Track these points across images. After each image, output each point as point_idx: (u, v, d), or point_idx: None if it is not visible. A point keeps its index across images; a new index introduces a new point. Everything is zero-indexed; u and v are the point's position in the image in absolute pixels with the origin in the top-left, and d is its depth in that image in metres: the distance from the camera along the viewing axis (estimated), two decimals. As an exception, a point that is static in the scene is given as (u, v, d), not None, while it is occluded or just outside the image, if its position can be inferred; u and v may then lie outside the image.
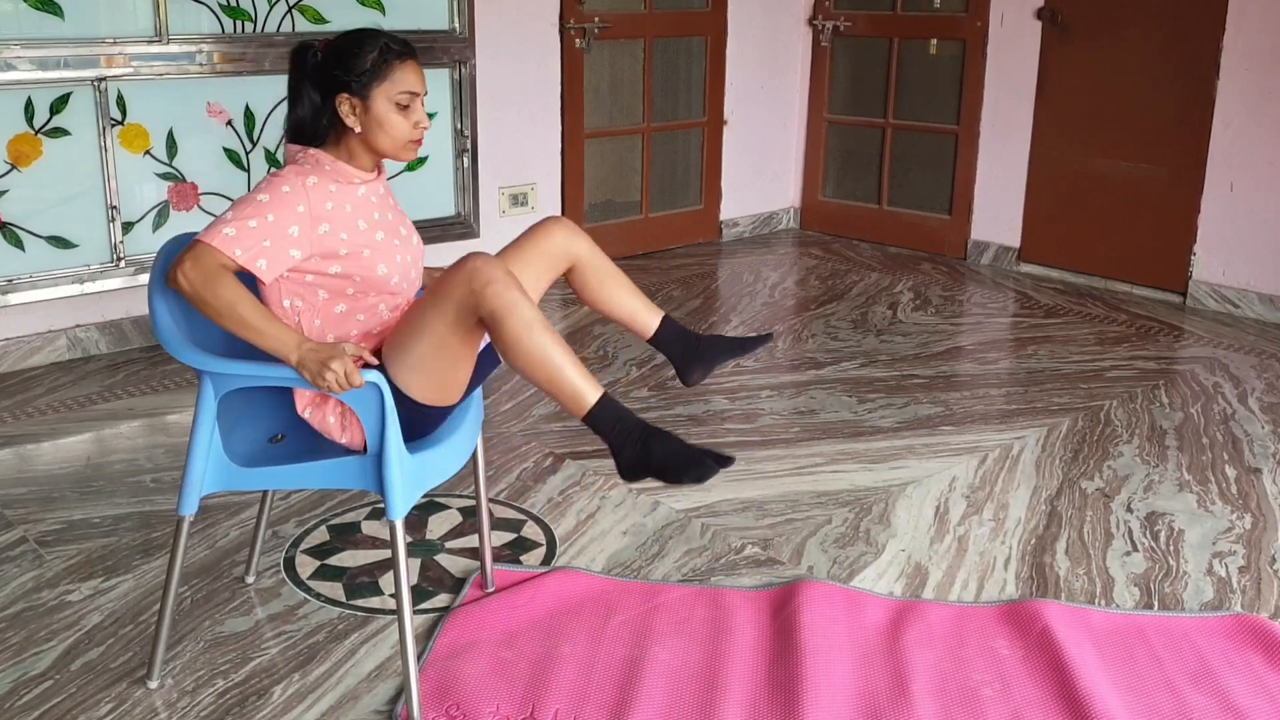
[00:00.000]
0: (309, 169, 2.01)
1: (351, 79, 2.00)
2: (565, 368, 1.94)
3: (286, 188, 1.95)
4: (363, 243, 2.03)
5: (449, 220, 4.74)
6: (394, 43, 2.03)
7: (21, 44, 3.60)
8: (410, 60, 2.04)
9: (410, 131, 2.05)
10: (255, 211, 1.92)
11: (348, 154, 2.06)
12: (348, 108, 2.01)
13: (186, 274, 1.86)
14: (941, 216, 5.55)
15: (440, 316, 1.96)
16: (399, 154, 2.07)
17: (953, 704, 2.07)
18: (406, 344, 2.00)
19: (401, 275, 2.09)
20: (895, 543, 2.72)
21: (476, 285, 1.91)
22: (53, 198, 3.77)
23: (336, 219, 1.99)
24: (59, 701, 2.08)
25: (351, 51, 2.01)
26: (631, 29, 5.22)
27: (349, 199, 2.03)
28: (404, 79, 2.02)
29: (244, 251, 1.89)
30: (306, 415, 2.09)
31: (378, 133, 2.03)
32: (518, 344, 1.91)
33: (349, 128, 2.03)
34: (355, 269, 2.02)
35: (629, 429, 1.97)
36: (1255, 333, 4.40)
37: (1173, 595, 2.50)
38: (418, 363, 1.99)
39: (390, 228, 2.10)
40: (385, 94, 2.01)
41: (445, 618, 2.34)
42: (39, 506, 2.84)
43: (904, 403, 3.61)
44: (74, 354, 3.92)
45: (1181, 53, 4.65)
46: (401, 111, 2.03)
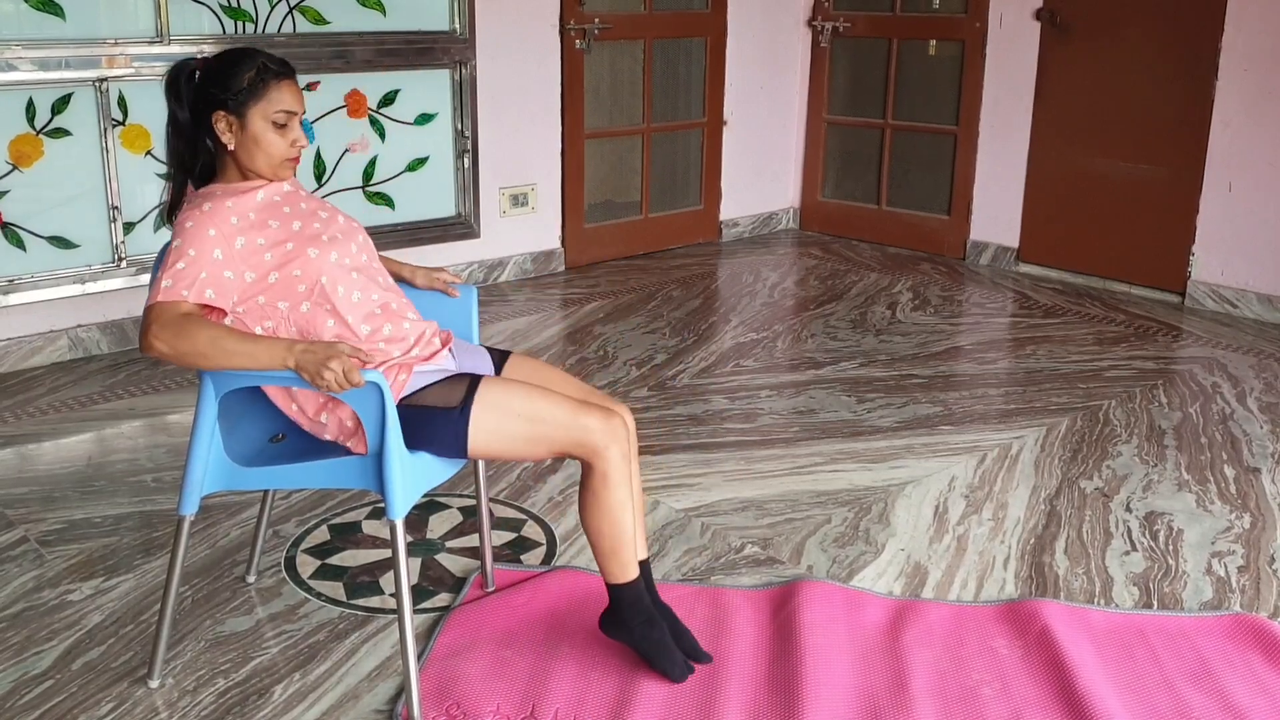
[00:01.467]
0: (200, 200, 2.03)
1: (228, 97, 2.02)
2: (630, 545, 2.07)
3: (189, 223, 1.98)
4: (282, 238, 2.03)
5: (449, 220, 4.75)
6: (272, 62, 2.06)
7: (23, 44, 3.61)
8: (287, 80, 2.07)
9: (287, 150, 2.07)
10: (176, 256, 1.95)
11: (236, 175, 2.09)
12: (224, 125, 2.03)
13: (157, 336, 1.89)
14: (940, 217, 5.56)
15: (548, 433, 2.02)
16: (276, 172, 2.08)
17: (952, 703, 2.08)
18: (505, 417, 2.01)
19: (340, 251, 2.08)
20: (895, 542, 2.72)
21: (600, 443, 2.01)
22: (54, 198, 3.78)
23: (246, 229, 2.01)
24: (60, 701, 2.08)
25: (229, 71, 2.03)
26: (631, 30, 5.22)
27: (250, 207, 2.05)
28: (281, 98, 2.04)
29: (189, 290, 1.92)
30: (323, 419, 2.08)
31: (254, 151, 2.04)
32: (608, 510, 2.05)
33: (224, 144, 2.04)
34: (289, 264, 2.02)
35: (643, 610, 2.11)
36: (1254, 333, 4.40)
37: (1172, 595, 2.50)
38: (496, 439, 2.02)
39: (305, 216, 2.10)
40: (262, 113, 2.03)
41: (445, 617, 2.34)
42: (40, 506, 2.85)
43: (903, 402, 3.61)
44: (75, 354, 3.92)
45: (1180, 53, 4.66)
46: (278, 130, 2.05)
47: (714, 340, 4.24)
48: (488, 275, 4.93)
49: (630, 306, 4.65)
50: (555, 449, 2.04)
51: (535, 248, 5.09)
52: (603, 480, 2.03)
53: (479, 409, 2.00)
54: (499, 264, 4.96)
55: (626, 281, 5.03)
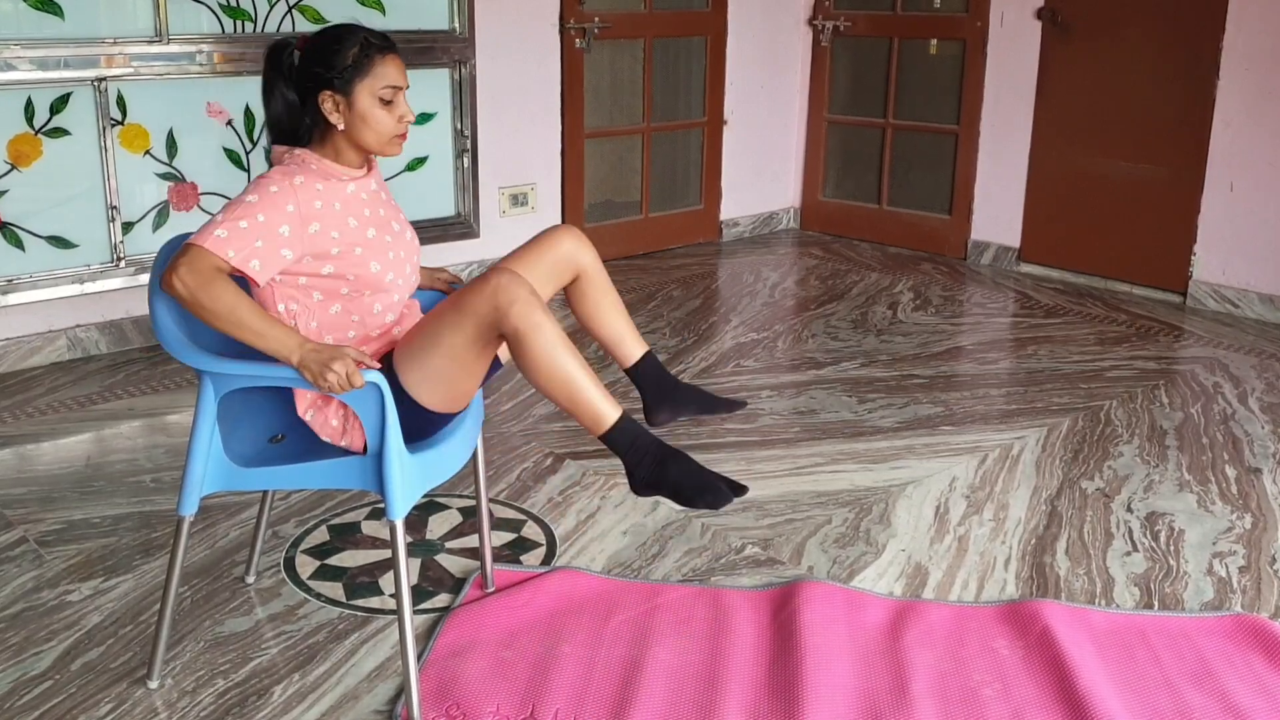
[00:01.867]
0: (295, 169, 2.00)
1: (334, 75, 1.99)
2: (587, 388, 1.97)
3: (274, 188, 1.94)
4: (354, 240, 2.02)
5: (449, 220, 4.74)
6: (374, 37, 2.03)
7: (21, 44, 3.60)
8: (392, 54, 2.04)
9: (395, 126, 2.04)
10: (245, 213, 1.91)
11: (334, 152, 2.05)
12: (331, 105, 2.00)
13: (182, 278, 1.85)
14: (941, 216, 5.55)
15: (459, 330, 1.96)
16: (385, 149, 2.06)
17: (953, 704, 2.07)
18: (422, 353, 2.00)
19: (396, 272, 2.08)
20: (895, 543, 2.72)
21: (501, 303, 1.92)
22: (53, 198, 3.77)
23: (326, 217, 1.99)
24: (59, 701, 2.08)
25: (332, 48, 2.00)
26: (631, 29, 5.22)
27: (338, 197, 2.02)
28: (386, 73, 2.02)
29: (237, 253, 1.88)
30: (308, 418, 2.09)
31: (362, 129, 2.02)
32: (541, 363, 1.94)
33: (333, 125, 2.02)
34: (348, 268, 2.02)
35: (645, 448, 2.00)
36: (1255, 333, 4.40)
37: (1173, 595, 2.50)
38: (432, 372, 2.00)
39: (382, 224, 2.09)
40: (369, 89, 2.00)
41: (445, 618, 2.34)
42: (39, 506, 2.84)
43: (904, 403, 3.61)
44: (74, 354, 3.92)
45: (1181, 53, 4.65)
46: (385, 106, 2.02)
47: (714, 340, 4.23)
48: (488, 275, 4.92)
49: (630, 306, 4.64)
50: (476, 343, 1.97)
51: (535, 247, 5.08)
52: (516, 339, 1.93)
53: (399, 366, 2.00)
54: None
55: (626, 281, 5.03)
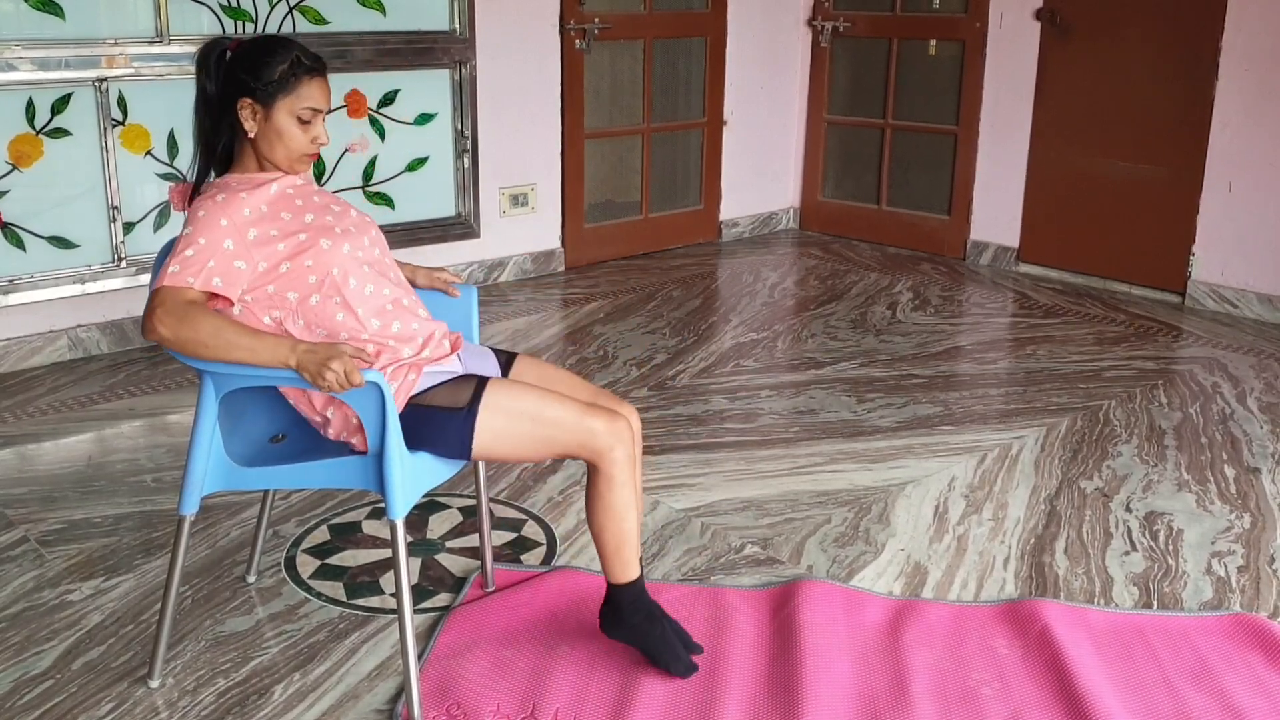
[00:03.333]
0: (215, 191, 2.03)
1: (257, 86, 2.01)
2: (634, 545, 2.08)
3: (202, 212, 1.98)
4: (295, 229, 2.03)
5: (449, 220, 4.75)
6: (306, 57, 2.04)
7: (23, 44, 3.61)
8: (319, 77, 2.06)
9: (307, 145, 2.06)
10: (186, 244, 1.95)
11: (251, 164, 2.08)
12: (249, 112, 2.02)
13: (161, 320, 1.89)
14: (940, 217, 5.56)
15: (544, 445, 2.03)
16: (292, 166, 2.08)
17: (952, 703, 2.08)
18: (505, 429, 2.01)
19: (352, 244, 2.07)
20: (894, 542, 2.72)
21: (599, 446, 2.01)
22: (54, 198, 3.78)
23: (260, 220, 2.01)
24: (60, 701, 2.08)
25: (263, 59, 2.02)
26: (631, 30, 5.22)
27: (263, 199, 2.04)
28: (310, 94, 2.04)
29: (195, 278, 1.91)
30: (329, 414, 2.07)
31: (274, 142, 2.04)
32: (613, 510, 2.05)
33: (245, 132, 2.04)
34: (301, 255, 2.01)
35: (643, 606, 2.12)
36: (1254, 333, 4.40)
37: (1172, 595, 2.50)
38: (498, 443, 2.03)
39: (318, 208, 2.10)
40: (288, 107, 2.02)
41: (445, 617, 2.34)
42: (40, 506, 2.85)
43: (903, 402, 3.61)
44: (75, 354, 3.92)
45: (1181, 53, 4.66)
46: (301, 125, 2.04)
47: (714, 340, 4.24)
48: (488, 275, 4.93)
49: (630, 306, 4.65)
50: (560, 450, 2.04)
51: (535, 248, 5.09)
52: (608, 482, 2.04)
53: (485, 411, 2.00)
54: (499, 264, 4.96)
55: (626, 281, 5.03)
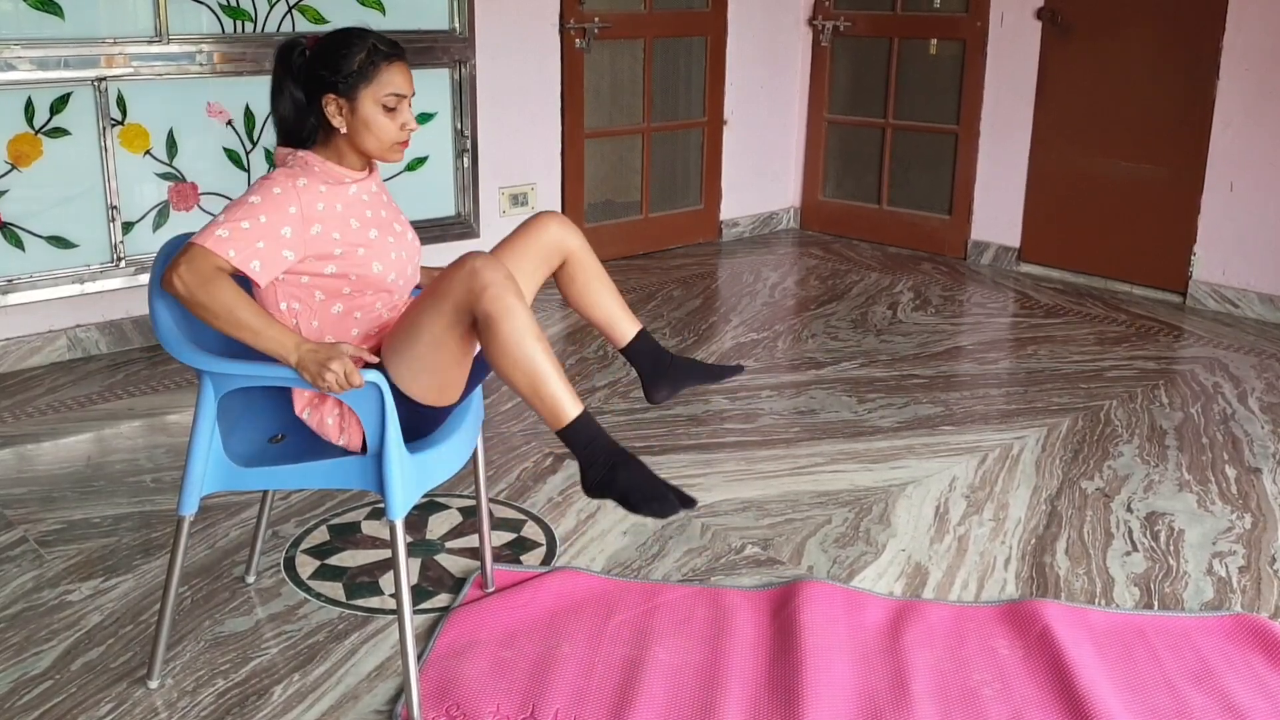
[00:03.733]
0: (299, 171, 2.01)
1: (338, 80, 1.99)
2: (551, 379, 1.91)
3: (277, 189, 1.95)
4: (357, 241, 2.02)
5: (449, 220, 4.74)
6: (382, 44, 2.03)
7: (22, 44, 3.60)
8: (398, 62, 2.03)
9: (397, 133, 2.04)
10: (247, 214, 1.91)
11: (336, 155, 2.06)
12: (334, 108, 2.01)
13: (182, 277, 1.86)
14: (941, 216, 5.55)
15: (438, 316, 1.95)
16: (385, 155, 2.07)
17: (953, 704, 2.07)
18: (404, 343, 1.99)
19: (398, 272, 2.09)
20: (895, 543, 2.72)
21: (475, 286, 1.89)
22: (53, 198, 3.77)
23: (328, 219, 1.99)
24: (59, 701, 2.08)
25: (339, 52, 2.00)
26: (631, 29, 5.22)
27: (340, 199, 2.02)
28: (391, 81, 2.02)
29: (238, 253, 1.89)
30: (305, 416, 2.09)
31: (364, 134, 2.02)
32: (508, 348, 1.89)
33: (335, 128, 2.02)
34: (350, 268, 2.02)
35: (600, 449, 1.95)
36: (1255, 333, 4.40)
37: (1173, 595, 2.50)
38: (415, 362, 1.99)
39: (384, 225, 2.09)
40: (372, 96, 2.01)
41: (445, 618, 2.34)
42: (39, 506, 2.84)
43: (904, 403, 3.61)
44: (74, 354, 3.92)
45: (1181, 53, 4.65)
46: (388, 113, 2.02)
47: (714, 340, 4.24)
48: (488, 275, 4.92)
49: (631, 306, 4.61)
50: (455, 328, 1.94)
51: (535, 247, 5.08)
52: (486, 323, 1.89)
53: (387, 361, 1.99)
54: (499, 264, 4.95)
55: (626, 281, 5.03)
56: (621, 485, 1.94)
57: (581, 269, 2.27)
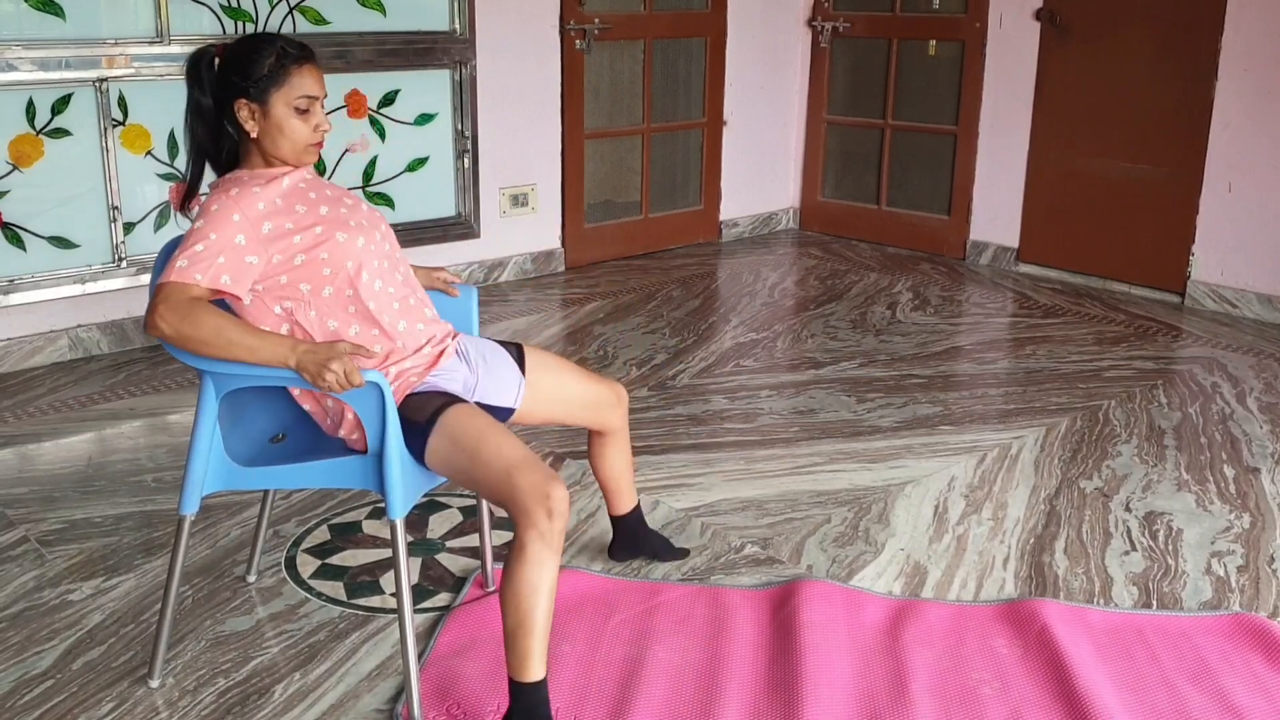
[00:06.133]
0: (228, 184, 2.03)
1: (249, 85, 2.01)
2: (537, 636, 1.87)
3: (215, 207, 1.98)
4: (309, 222, 2.03)
5: (449, 220, 4.75)
6: (291, 46, 2.04)
7: (23, 44, 3.61)
8: (308, 64, 2.05)
9: (310, 135, 2.06)
10: (197, 238, 1.94)
11: (260, 162, 2.08)
12: (246, 113, 2.02)
13: (163, 316, 1.88)
14: (940, 217, 5.56)
15: (479, 488, 1.97)
16: (299, 158, 2.07)
17: (952, 702, 2.08)
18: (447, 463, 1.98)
19: (365, 237, 2.07)
20: (894, 542, 2.72)
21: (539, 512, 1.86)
22: (54, 198, 3.78)
23: (274, 213, 2.01)
24: (60, 700, 2.09)
25: (249, 57, 2.02)
26: (631, 30, 5.22)
27: (276, 192, 2.04)
28: (301, 84, 2.03)
29: (203, 275, 1.91)
30: (309, 408, 2.09)
31: (277, 137, 2.03)
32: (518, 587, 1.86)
33: (248, 133, 2.04)
34: (316, 248, 2.01)
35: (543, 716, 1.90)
36: (1253, 333, 4.40)
37: (1171, 594, 2.51)
38: (440, 467, 2.00)
39: (331, 201, 2.09)
40: (283, 99, 2.02)
41: (446, 617, 2.34)
42: (40, 506, 2.85)
43: (903, 402, 3.61)
44: (75, 354, 3.92)
45: (1180, 53, 4.66)
46: (300, 115, 2.04)
47: (714, 340, 4.24)
48: (488, 275, 4.94)
49: (630, 306, 4.65)
50: (490, 496, 1.96)
51: (535, 248, 5.09)
52: (519, 551, 1.87)
53: (436, 434, 1.98)
54: (499, 264, 4.97)
55: (626, 281, 5.03)
56: None
57: (615, 445, 2.45)
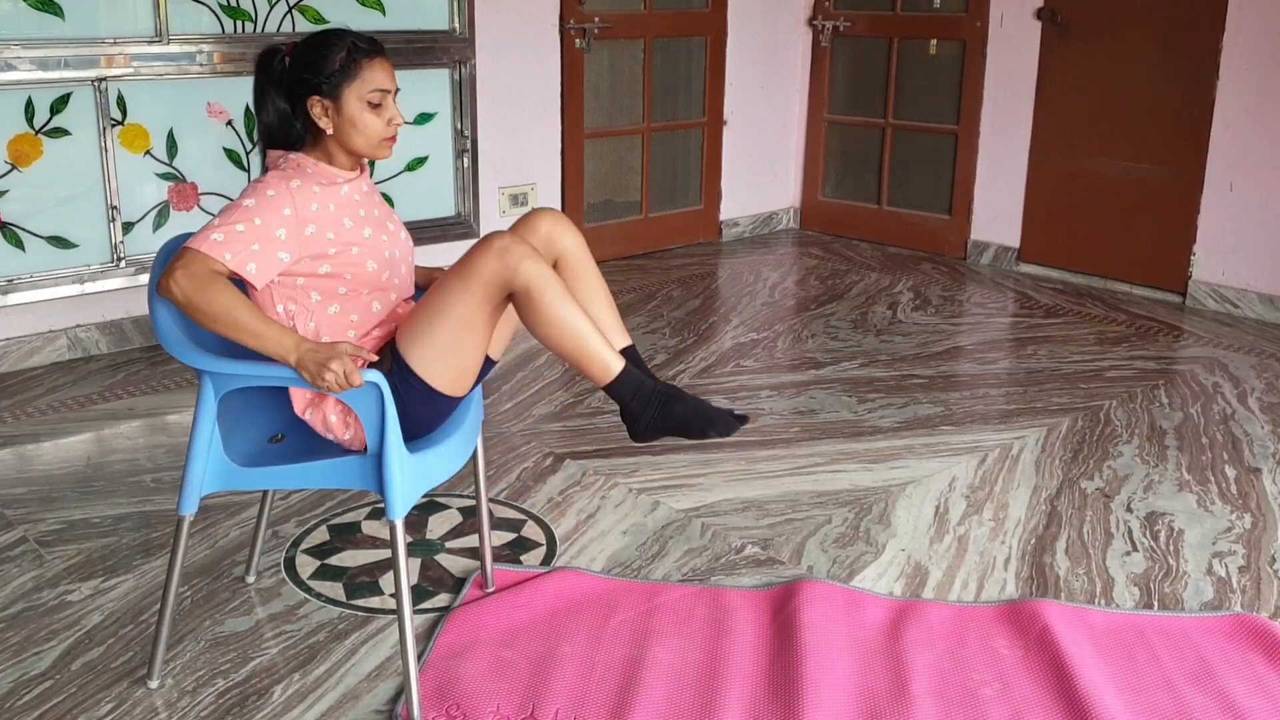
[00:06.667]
0: (292, 173, 2.02)
1: (321, 80, 2.00)
2: (595, 340, 1.99)
3: (271, 192, 1.96)
4: (350, 240, 2.03)
5: (449, 220, 4.75)
6: (361, 41, 2.04)
7: (22, 44, 3.60)
8: (379, 58, 2.05)
9: (384, 129, 2.06)
10: (242, 216, 1.92)
11: (326, 155, 2.07)
12: (320, 110, 2.02)
13: (179, 282, 1.87)
14: (941, 216, 5.55)
15: (467, 296, 1.97)
16: (374, 152, 2.08)
17: (953, 703, 2.08)
18: (428, 327, 2.00)
19: (391, 270, 2.09)
20: (895, 542, 2.72)
21: (509, 262, 1.94)
22: (53, 198, 3.77)
23: (322, 219, 2.00)
24: (59, 701, 2.08)
25: (320, 54, 2.01)
26: (631, 29, 5.22)
27: (333, 199, 2.03)
28: (374, 77, 2.03)
29: (233, 256, 1.90)
30: (307, 416, 2.09)
31: (351, 132, 2.03)
32: (552, 317, 1.96)
33: (323, 130, 2.03)
34: (345, 267, 2.02)
35: (650, 391, 2.02)
36: (1255, 333, 4.40)
37: (1172, 595, 2.50)
38: (440, 345, 2.00)
39: (377, 224, 2.10)
40: (356, 93, 2.02)
41: (445, 618, 2.34)
42: (39, 506, 2.84)
43: (904, 403, 3.61)
44: (74, 354, 3.92)
45: (1181, 53, 4.65)
46: (374, 110, 2.04)
47: (714, 340, 4.24)
48: (488, 275, 4.93)
49: (630, 306, 4.65)
50: (484, 306, 1.98)
51: (535, 247, 5.08)
52: (526, 296, 1.96)
53: (406, 350, 1.99)
54: (499, 264, 4.95)
55: (626, 281, 5.03)
56: (680, 417, 2.01)
57: (573, 272, 2.20)
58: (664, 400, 2.02)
